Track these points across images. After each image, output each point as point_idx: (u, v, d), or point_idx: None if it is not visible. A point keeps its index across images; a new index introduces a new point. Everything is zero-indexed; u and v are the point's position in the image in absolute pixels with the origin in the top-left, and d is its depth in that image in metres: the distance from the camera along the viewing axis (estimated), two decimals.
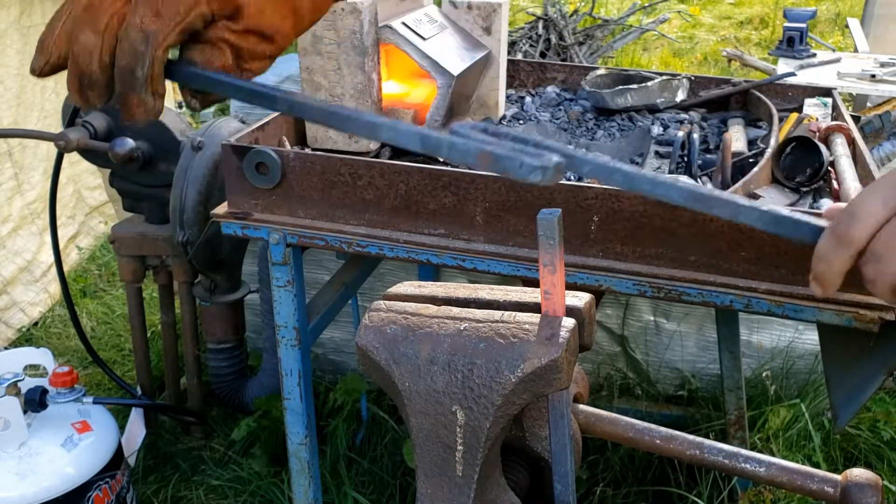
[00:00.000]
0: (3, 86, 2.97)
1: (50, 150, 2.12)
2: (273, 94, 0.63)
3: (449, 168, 1.47)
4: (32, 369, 1.98)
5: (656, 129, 1.96)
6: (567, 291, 0.60)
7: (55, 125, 3.10)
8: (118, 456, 1.99)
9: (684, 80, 2.11)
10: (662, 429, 0.79)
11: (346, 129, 0.62)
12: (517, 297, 0.63)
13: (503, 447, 0.70)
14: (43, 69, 0.70)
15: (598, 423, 0.78)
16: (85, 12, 0.66)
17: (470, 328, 0.60)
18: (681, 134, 1.79)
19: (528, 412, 0.67)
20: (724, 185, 1.59)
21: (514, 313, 0.61)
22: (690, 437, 0.76)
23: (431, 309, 0.64)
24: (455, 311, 0.63)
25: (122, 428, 2.16)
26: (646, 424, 0.79)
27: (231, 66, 0.68)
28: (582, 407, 0.79)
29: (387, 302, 0.66)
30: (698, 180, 1.66)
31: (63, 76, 0.71)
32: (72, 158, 3.19)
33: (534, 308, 0.60)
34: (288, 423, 1.80)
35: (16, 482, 1.78)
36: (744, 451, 0.72)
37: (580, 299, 0.61)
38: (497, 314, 0.61)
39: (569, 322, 0.58)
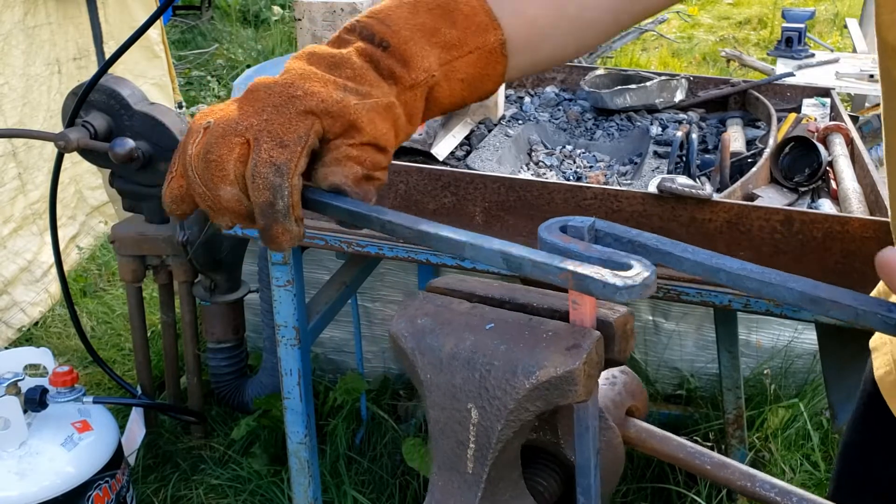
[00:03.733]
0: (9, 86, 2.98)
1: (55, 150, 2.12)
2: (407, 225, 0.67)
3: (448, 168, 1.47)
4: (32, 369, 1.99)
5: (655, 129, 1.97)
6: (604, 302, 0.60)
7: (61, 125, 3.11)
8: (118, 455, 1.99)
9: (683, 80, 2.12)
10: (715, 455, 0.78)
11: (435, 248, 0.65)
12: (551, 304, 0.63)
13: (538, 451, 0.70)
14: (178, 214, 0.74)
15: (648, 440, 0.78)
16: (210, 169, 0.68)
17: (496, 328, 0.60)
18: (679, 134, 1.80)
19: (563, 419, 0.67)
20: (723, 185, 1.60)
21: (543, 319, 0.60)
22: (743, 467, 0.75)
23: (465, 305, 0.64)
24: (487, 309, 0.63)
25: (122, 427, 2.16)
26: (698, 448, 0.78)
27: (361, 177, 0.70)
28: (634, 421, 0.78)
29: (425, 293, 0.66)
30: (697, 180, 1.67)
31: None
32: (74, 158, 3.20)
33: (565, 316, 0.60)
34: (288, 422, 1.80)
35: (16, 481, 1.79)
36: (797, 491, 0.71)
37: (615, 312, 0.60)
38: (526, 318, 0.60)
39: (593, 335, 0.57)
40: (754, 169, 1.59)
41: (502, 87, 2.02)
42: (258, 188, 0.67)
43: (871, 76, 3.71)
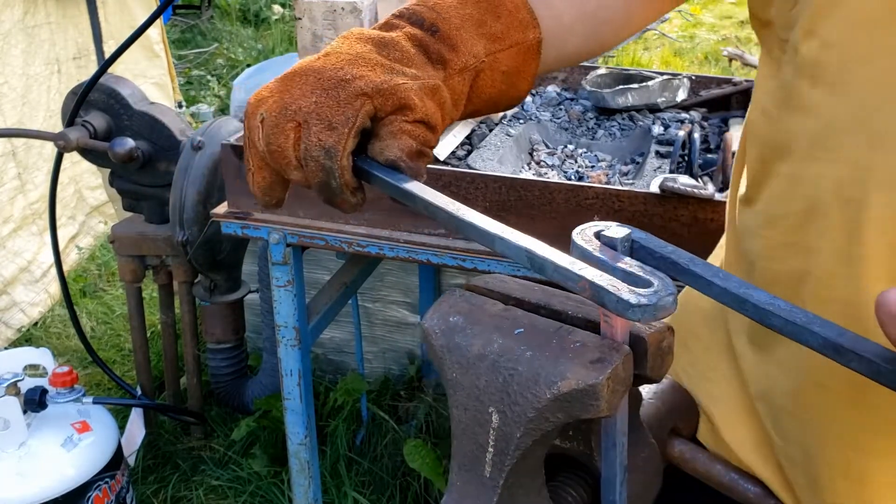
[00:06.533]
0: (8, 85, 2.97)
1: (55, 149, 2.12)
2: (446, 210, 0.67)
3: (449, 168, 1.46)
4: (32, 369, 1.98)
5: (657, 129, 1.96)
6: None
7: (60, 125, 3.11)
8: (118, 456, 1.98)
9: (685, 79, 2.11)
10: (759, 485, 0.77)
11: (467, 235, 0.66)
12: (587, 313, 0.61)
13: (570, 461, 0.68)
14: (274, 203, 0.77)
15: (692, 461, 0.77)
16: (276, 158, 0.71)
17: (525, 334, 0.59)
18: (681, 133, 1.79)
19: (595, 431, 0.66)
20: (725, 185, 1.59)
21: (574, 329, 0.59)
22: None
23: (498, 307, 0.62)
24: (520, 313, 0.61)
25: (121, 428, 2.16)
26: (739, 475, 0.77)
27: (415, 152, 0.72)
28: (679, 441, 0.77)
29: (462, 291, 0.65)
30: (699, 180, 1.66)
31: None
32: (73, 158, 3.19)
33: (598, 328, 0.58)
34: (288, 423, 1.80)
35: (16, 482, 1.78)
36: None
37: (650, 327, 0.57)
38: (557, 326, 0.59)
39: (622, 349, 0.55)
40: None
41: None
42: (311, 171, 0.70)
43: None
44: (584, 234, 0.59)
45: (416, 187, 0.69)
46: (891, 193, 0.59)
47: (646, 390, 0.77)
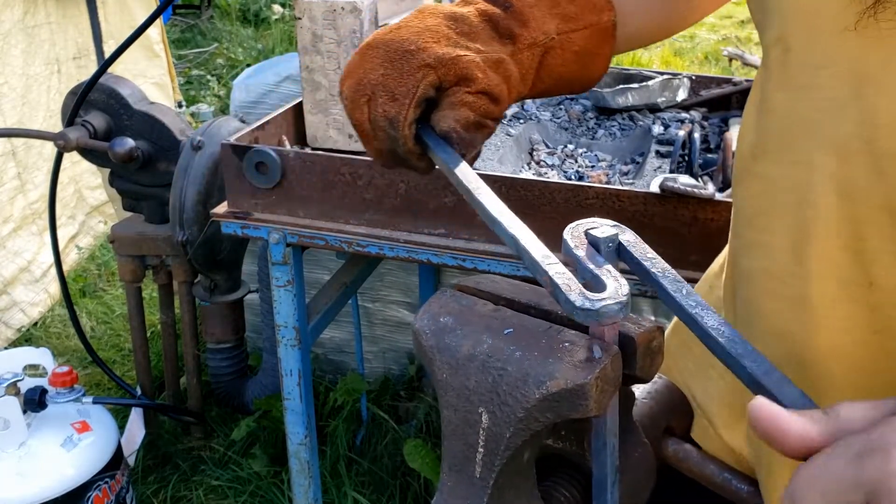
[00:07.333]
0: (8, 85, 2.97)
1: (55, 149, 2.12)
2: (470, 191, 0.71)
3: None
4: (32, 369, 1.98)
5: (657, 129, 1.96)
6: (633, 316, 0.58)
7: (60, 125, 3.11)
8: (118, 456, 1.98)
9: (685, 79, 2.11)
10: (752, 484, 0.77)
11: (482, 217, 0.69)
12: None
13: (562, 461, 0.68)
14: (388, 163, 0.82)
15: (685, 461, 0.77)
16: (360, 132, 0.78)
17: (514, 334, 0.59)
18: (682, 133, 1.79)
19: (587, 431, 0.66)
20: (725, 185, 1.59)
21: (563, 328, 0.59)
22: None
23: (489, 307, 0.63)
24: (510, 313, 0.61)
25: (121, 428, 2.15)
26: (733, 474, 0.77)
27: (472, 123, 0.76)
28: (672, 440, 0.77)
29: (453, 291, 0.65)
30: (699, 179, 1.66)
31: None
32: (73, 158, 3.19)
33: (587, 328, 0.58)
34: (288, 423, 1.79)
35: (15, 482, 1.78)
36: None
37: (639, 327, 0.57)
38: (546, 326, 0.59)
39: (611, 349, 0.55)
40: None
41: None
42: (380, 140, 0.76)
43: None
44: (574, 231, 0.59)
45: (454, 163, 0.73)
46: (840, 196, 0.60)
47: (639, 390, 0.77)
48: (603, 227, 0.59)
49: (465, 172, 0.72)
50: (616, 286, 0.53)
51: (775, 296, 0.67)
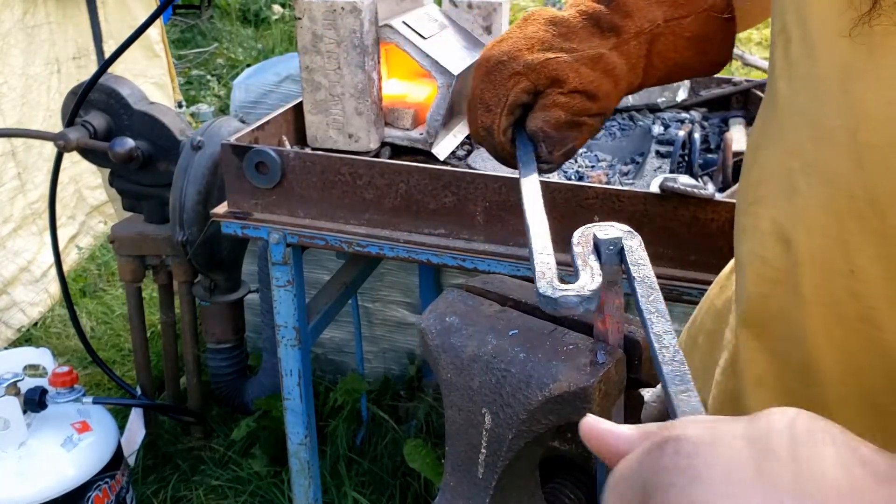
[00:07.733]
0: (8, 85, 2.97)
1: (55, 149, 2.12)
2: (520, 192, 0.74)
3: (449, 168, 1.46)
4: (32, 369, 1.98)
5: (657, 129, 1.96)
6: (636, 319, 0.58)
7: (60, 125, 3.11)
8: (118, 456, 1.98)
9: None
10: None
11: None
12: (581, 315, 0.61)
13: (568, 463, 0.68)
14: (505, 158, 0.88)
15: None
16: (479, 144, 0.87)
17: (519, 335, 0.59)
18: (682, 133, 1.79)
19: None
20: (725, 185, 1.59)
21: (568, 331, 0.59)
22: None
23: (494, 307, 0.63)
24: (515, 315, 0.61)
25: (121, 428, 2.15)
26: None
27: (563, 122, 0.79)
28: None
29: (460, 291, 0.65)
30: (699, 179, 1.66)
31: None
32: (73, 158, 3.19)
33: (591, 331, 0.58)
34: (288, 423, 1.79)
35: (15, 482, 1.78)
36: None
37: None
38: (551, 328, 0.59)
39: (615, 353, 0.55)
40: None
41: None
42: (487, 147, 0.84)
43: None
44: (584, 231, 0.60)
45: (526, 170, 0.77)
46: (824, 185, 0.61)
47: (648, 393, 0.77)
48: (610, 231, 0.59)
49: (531, 184, 0.75)
50: (586, 282, 0.53)
51: (762, 279, 0.68)
